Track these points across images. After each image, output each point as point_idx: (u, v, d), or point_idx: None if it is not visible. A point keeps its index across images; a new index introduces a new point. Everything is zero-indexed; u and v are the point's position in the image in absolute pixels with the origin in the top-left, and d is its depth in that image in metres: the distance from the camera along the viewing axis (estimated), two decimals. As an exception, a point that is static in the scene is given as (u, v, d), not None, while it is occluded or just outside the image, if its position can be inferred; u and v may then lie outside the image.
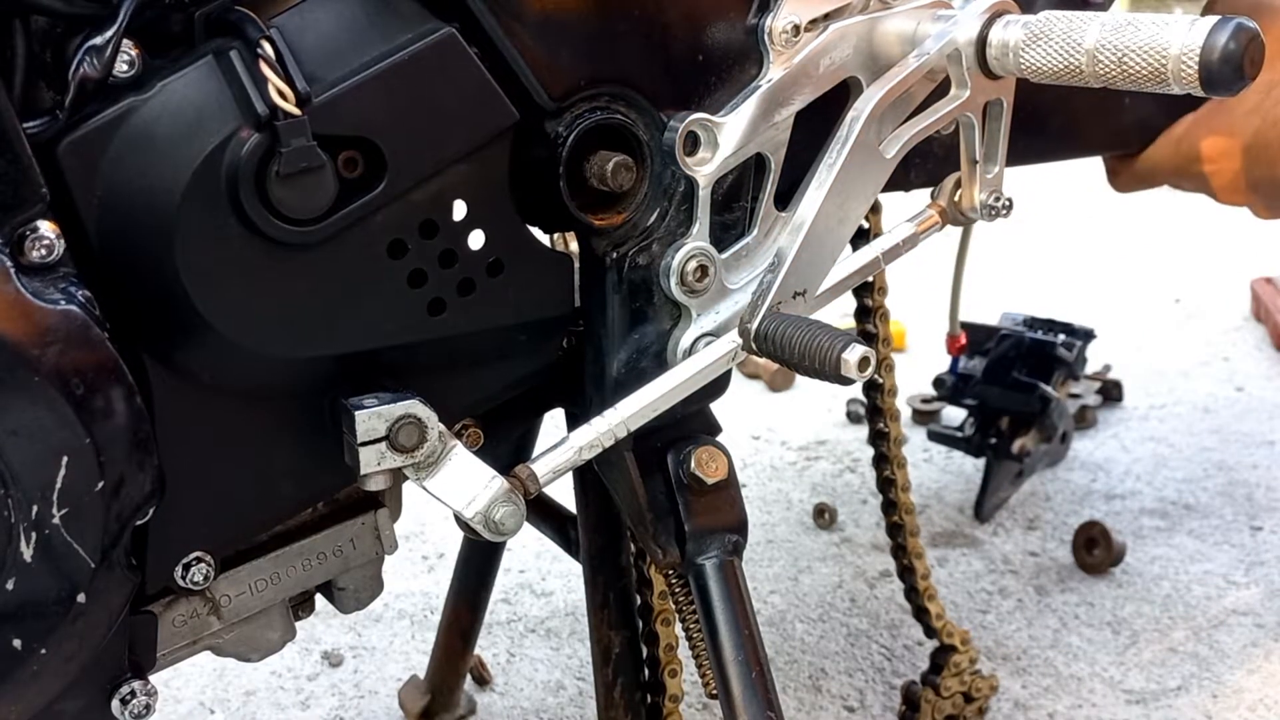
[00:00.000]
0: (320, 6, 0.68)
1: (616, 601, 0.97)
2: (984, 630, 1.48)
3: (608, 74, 0.75)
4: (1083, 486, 1.84)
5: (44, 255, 0.61)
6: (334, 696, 1.39)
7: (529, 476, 0.74)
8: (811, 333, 0.70)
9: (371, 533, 0.83)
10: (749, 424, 2.09)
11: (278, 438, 0.73)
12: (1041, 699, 1.35)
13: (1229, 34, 0.66)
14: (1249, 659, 1.41)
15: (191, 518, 0.71)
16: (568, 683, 1.41)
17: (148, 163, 0.64)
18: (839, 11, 0.80)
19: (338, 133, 0.66)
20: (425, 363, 0.75)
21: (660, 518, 0.84)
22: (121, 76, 0.64)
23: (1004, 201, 0.83)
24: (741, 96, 0.78)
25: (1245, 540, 1.68)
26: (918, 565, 1.22)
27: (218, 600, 0.77)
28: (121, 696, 0.71)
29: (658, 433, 0.83)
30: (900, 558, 1.22)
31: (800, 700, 1.36)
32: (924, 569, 1.22)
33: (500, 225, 0.74)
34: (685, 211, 0.78)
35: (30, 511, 0.61)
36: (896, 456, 1.19)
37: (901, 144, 0.78)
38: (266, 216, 0.65)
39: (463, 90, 0.70)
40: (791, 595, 1.57)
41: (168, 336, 0.67)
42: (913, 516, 1.21)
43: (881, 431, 1.18)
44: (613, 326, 0.79)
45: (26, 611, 0.63)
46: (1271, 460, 1.91)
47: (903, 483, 1.20)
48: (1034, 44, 0.74)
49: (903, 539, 1.20)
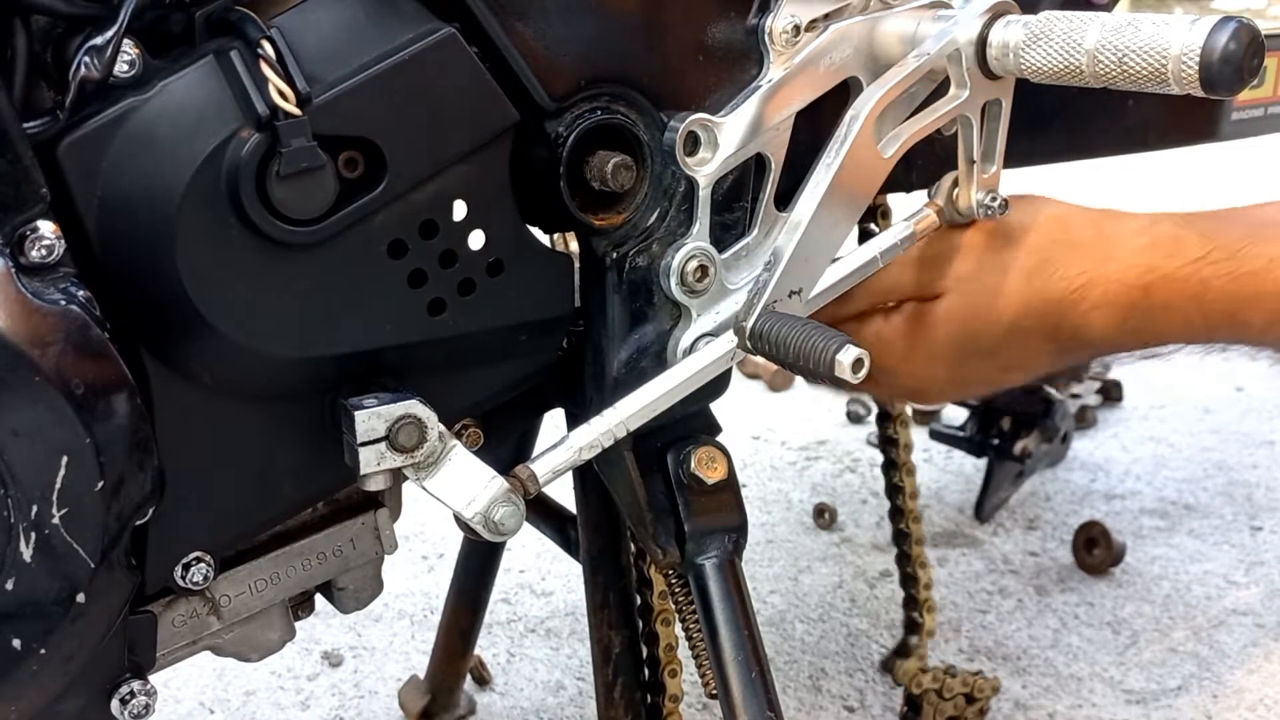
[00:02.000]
0: (320, 6, 0.68)
1: (616, 601, 0.97)
2: (984, 630, 1.48)
3: (608, 74, 0.75)
4: (1083, 486, 1.84)
5: (44, 255, 0.61)
6: (334, 696, 1.39)
7: (529, 476, 0.74)
8: (806, 333, 0.70)
9: (371, 533, 0.83)
10: (749, 424, 2.09)
11: (278, 438, 0.73)
12: (1041, 699, 1.35)
13: (1229, 34, 0.66)
14: (1249, 659, 1.41)
15: (191, 518, 0.71)
16: (568, 683, 1.41)
17: (148, 163, 0.64)
18: (839, 11, 0.80)
19: (338, 133, 0.66)
20: (425, 363, 0.75)
21: (660, 518, 0.84)
22: (122, 76, 0.64)
23: (1000, 201, 0.83)
24: (742, 97, 0.78)
25: (1245, 540, 1.68)
26: (921, 574, 1.22)
27: (217, 600, 0.77)
28: (121, 696, 0.71)
29: (658, 433, 0.83)
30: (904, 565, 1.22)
31: (800, 700, 1.36)
32: (927, 578, 1.22)
33: (500, 225, 0.74)
34: (685, 211, 0.78)
35: (30, 511, 0.61)
36: (906, 463, 1.18)
37: (900, 143, 0.78)
38: (267, 216, 0.65)
39: (463, 90, 0.70)
40: (791, 595, 1.57)
41: (168, 337, 0.67)
42: (919, 525, 1.21)
43: (891, 438, 1.18)
44: (613, 326, 0.79)
45: (26, 611, 0.63)
46: (1271, 460, 1.91)
47: (911, 490, 1.19)
48: (1034, 44, 0.74)
49: (908, 547, 1.20)
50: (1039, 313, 0.82)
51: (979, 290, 0.83)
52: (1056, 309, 0.81)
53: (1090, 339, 0.82)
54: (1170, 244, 0.79)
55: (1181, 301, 0.79)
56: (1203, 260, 0.78)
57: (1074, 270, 0.81)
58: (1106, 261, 0.80)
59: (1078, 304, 0.81)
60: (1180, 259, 0.78)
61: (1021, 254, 0.83)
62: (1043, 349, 0.84)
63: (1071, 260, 0.81)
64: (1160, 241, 0.79)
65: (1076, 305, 0.81)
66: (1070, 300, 0.81)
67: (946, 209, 0.84)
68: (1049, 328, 0.82)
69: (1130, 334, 0.82)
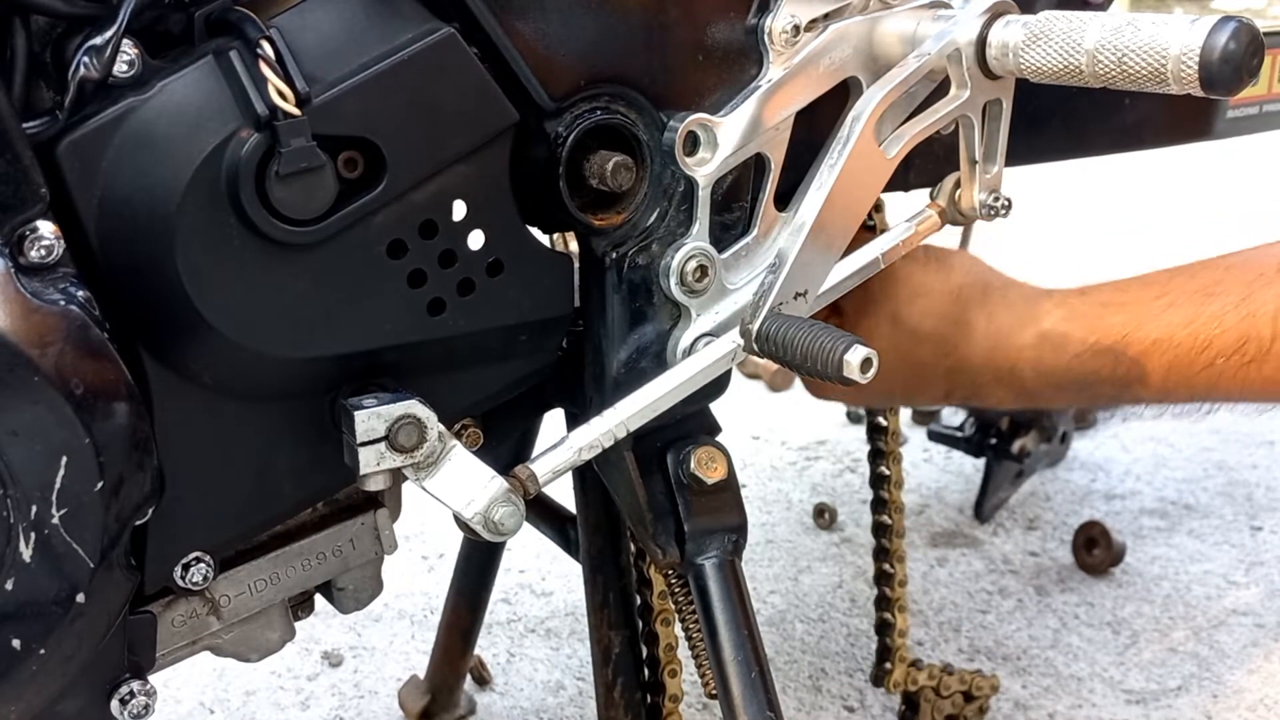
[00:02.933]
0: (320, 6, 0.68)
1: (616, 601, 0.97)
2: (984, 630, 1.48)
3: (608, 74, 0.75)
4: (1083, 486, 1.84)
5: (44, 255, 0.61)
6: (334, 696, 1.39)
7: (528, 477, 0.74)
8: (813, 334, 0.70)
9: (371, 533, 0.83)
10: (749, 424, 2.09)
11: (277, 438, 0.73)
12: (1041, 699, 1.35)
13: (1229, 34, 0.66)
14: (1249, 659, 1.41)
15: (191, 518, 0.71)
16: (568, 683, 1.41)
17: (148, 163, 0.64)
18: (839, 11, 0.80)
19: (337, 133, 0.66)
20: (425, 362, 0.75)
21: (660, 518, 0.84)
22: (121, 76, 0.64)
23: (1003, 201, 0.83)
24: (741, 97, 0.78)
25: (1245, 540, 1.68)
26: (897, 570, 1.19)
27: (217, 600, 0.77)
28: (120, 696, 0.71)
29: (657, 433, 0.83)
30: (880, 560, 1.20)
31: (800, 700, 1.36)
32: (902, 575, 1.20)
33: (500, 225, 0.74)
34: (685, 211, 0.78)
35: (30, 511, 0.61)
36: (893, 451, 1.18)
37: (902, 144, 0.78)
38: (266, 216, 0.65)
39: (462, 90, 0.70)
40: (791, 595, 1.57)
41: (167, 337, 0.67)
42: (901, 516, 1.20)
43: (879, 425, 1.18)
44: (612, 326, 0.79)
45: (26, 611, 0.63)
46: (1271, 460, 1.91)
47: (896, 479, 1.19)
48: (1034, 44, 0.74)
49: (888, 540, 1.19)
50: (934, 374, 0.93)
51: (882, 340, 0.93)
52: (957, 371, 0.92)
53: (990, 402, 0.94)
54: (1058, 339, 0.87)
55: (1072, 384, 0.88)
56: (1088, 352, 0.86)
57: (967, 351, 0.91)
58: (996, 350, 0.89)
59: (975, 379, 0.92)
60: (1066, 354, 0.87)
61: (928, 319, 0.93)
62: (937, 399, 0.96)
63: (966, 341, 0.91)
64: (1048, 337, 0.88)
65: (975, 377, 0.91)
66: (967, 375, 0.91)
67: (949, 210, 0.84)
68: (944, 387, 0.94)
69: (1029, 403, 0.93)
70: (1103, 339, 0.85)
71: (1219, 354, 0.80)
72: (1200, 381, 0.82)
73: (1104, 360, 0.85)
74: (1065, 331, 0.87)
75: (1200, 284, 0.84)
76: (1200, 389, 0.83)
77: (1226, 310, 0.81)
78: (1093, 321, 0.86)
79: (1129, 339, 0.84)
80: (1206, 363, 0.81)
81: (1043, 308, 0.90)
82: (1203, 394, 0.84)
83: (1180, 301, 0.83)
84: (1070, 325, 0.87)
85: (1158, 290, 0.86)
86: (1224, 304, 0.81)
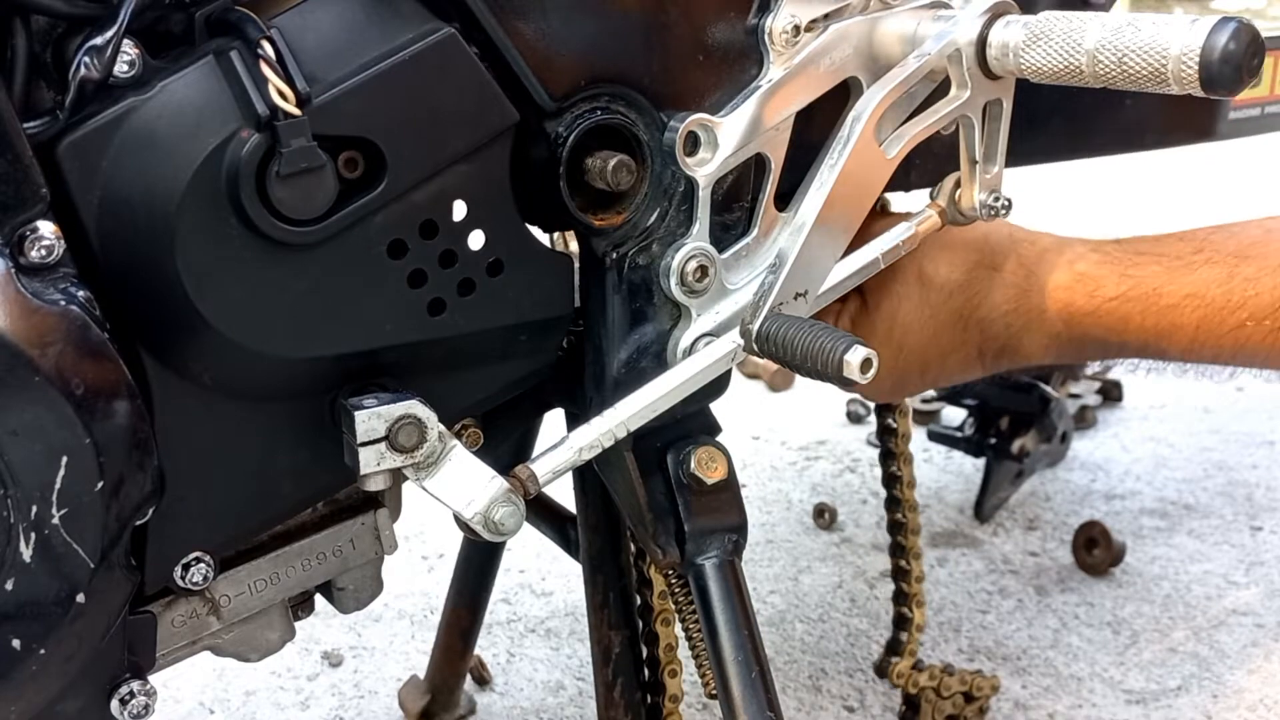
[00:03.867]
0: (320, 6, 0.68)
1: (616, 601, 0.97)
2: (984, 630, 1.48)
3: (608, 74, 0.75)
4: (1083, 486, 1.84)
5: (44, 255, 0.61)
6: (334, 696, 1.39)
7: (529, 477, 0.74)
8: (814, 334, 0.70)
9: (371, 533, 0.83)
10: (749, 424, 2.09)
11: (277, 438, 0.73)
12: (1041, 699, 1.35)
13: (1229, 34, 0.66)
14: (1249, 659, 1.41)
15: (191, 518, 0.71)
16: (568, 683, 1.41)
17: (148, 163, 0.64)
18: (839, 12, 0.80)
19: (338, 133, 0.66)
20: (425, 362, 0.75)
21: (660, 518, 0.84)
22: (122, 76, 0.64)
23: (1003, 201, 0.83)
24: (741, 97, 0.78)
25: (1245, 540, 1.68)
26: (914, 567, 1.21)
27: (217, 600, 0.77)
28: (120, 696, 0.71)
29: (657, 433, 0.83)
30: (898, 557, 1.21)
31: (800, 700, 1.36)
32: (919, 571, 1.22)
33: (500, 225, 0.74)
34: (685, 211, 0.78)
35: (30, 511, 0.61)
36: (904, 453, 1.18)
37: (903, 144, 0.78)
38: (266, 216, 0.65)
39: (463, 90, 0.70)
40: (791, 595, 1.57)
41: (168, 337, 0.67)
42: (915, 514, 1.20)
43: (889, 427, 1.18)
44: (613, 326, 0.79)
45: (26, 611, 0.63)
46: (1271, 460, 1.91)
47: (909, 479, 1.19)
48: (1034, 44, 0.74)
49: (903, 537, 1.20)
50: (968, 328, 0.89)
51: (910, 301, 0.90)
52: (989, 322, 0.88)
53: (1019, 357, 0.90)
54: (1091, 283, 0.85)
55: (1101, 333, 0.85)
56: (1120, 298, 0.84)
57: (1000, 297, 0.88)
58: (1027, 294, 0.87)
59: (1008, 326, 0.88)
60: (1099, 298, 0.84)
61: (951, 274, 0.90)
62: (970, 360, 0.91)
63: (997, 287, 0.88)
64: (1083, 279, 0.85)
65: (1008, 324, 0.88)
66: (1000, 323, 0.88)
67: (949, 210, 0.84)
68: (977, 343, 0.90)
69: (1057, 355, 0.89)
70: (1135, 287, 0.83)
71: (1250, 316, 0.79)
72: (1228, 342, 0.81)
73: (1134, 308, 0.83)
74: (1098, 275, 0.85)
75: (1239, 243, 0.82)
76: (1227, 350, 0.82)
77: (1263, 273, 0.80)
78: (1126, 268, 0.85)
79: (1161, 290, 0.82)
80: (1237, 324, 0.80)
81: (1076, 250, 0.88)
82: (1228, 355, 0.82)
83: (1217, 259, 0.82)
84: (1103, 270, 0.85)
85: (1195, 245, 0.84)
86: (1260, 267, 0.80)
